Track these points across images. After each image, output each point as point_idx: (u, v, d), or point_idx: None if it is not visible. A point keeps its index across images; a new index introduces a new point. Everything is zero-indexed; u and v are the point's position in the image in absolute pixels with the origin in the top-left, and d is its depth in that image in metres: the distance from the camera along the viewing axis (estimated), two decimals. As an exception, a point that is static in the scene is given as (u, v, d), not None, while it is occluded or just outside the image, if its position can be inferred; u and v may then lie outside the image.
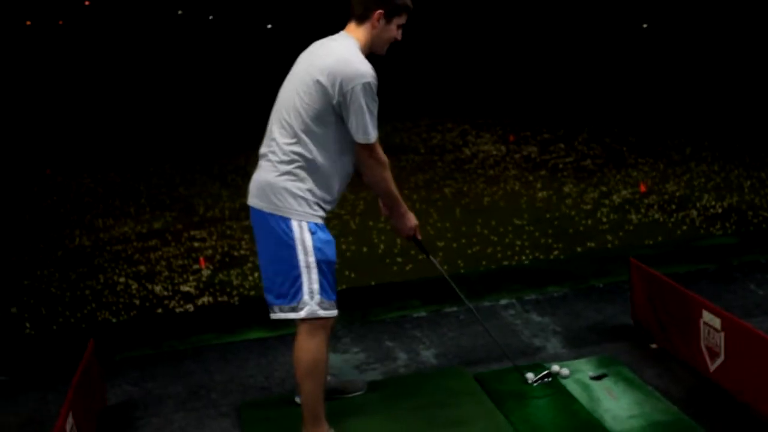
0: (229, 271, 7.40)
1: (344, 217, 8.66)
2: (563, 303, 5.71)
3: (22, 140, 14.60)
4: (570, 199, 8.88)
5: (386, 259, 7.41)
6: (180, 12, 41.85)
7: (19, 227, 9.51)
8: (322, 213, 3.91)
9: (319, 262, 3.83)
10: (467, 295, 4.79)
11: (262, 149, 3.97)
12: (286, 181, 3.84)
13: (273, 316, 3.95)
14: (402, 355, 5.10)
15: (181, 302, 6.80)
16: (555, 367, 4.58)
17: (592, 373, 4.55)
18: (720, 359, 4.28)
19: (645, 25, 23.99)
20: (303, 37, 5.03)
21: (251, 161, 4.08)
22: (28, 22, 37.95)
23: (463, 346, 5.16)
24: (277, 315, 3.93)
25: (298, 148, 3.84)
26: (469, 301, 4.67)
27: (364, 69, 3.80)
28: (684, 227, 7.72)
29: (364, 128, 3.82)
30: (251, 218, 4.02)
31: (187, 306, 6.72)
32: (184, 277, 7.37)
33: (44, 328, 6.47)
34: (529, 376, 4.50)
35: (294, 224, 3.82)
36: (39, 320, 6.64)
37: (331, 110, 3.82)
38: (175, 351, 5.47)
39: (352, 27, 3.97)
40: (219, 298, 6.83)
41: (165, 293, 7.01)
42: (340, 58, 3.82)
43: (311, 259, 3.82)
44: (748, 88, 14.34)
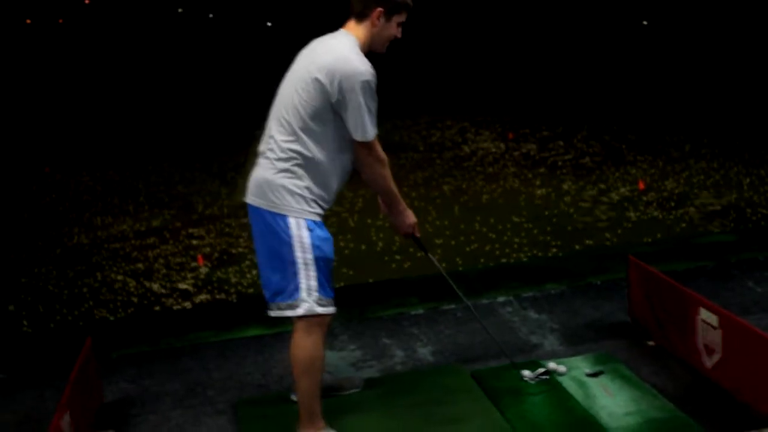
0: (227, 269, 7.40)
1: (343, 214, 8.66)
2: (561, 300, 5.71)
3: (21, 138, 14.60)
4: (569, 197, 8.89)
5: (384, 257, 7.42)
6: (180, 10, 41.92)
7: (17, 225, 9.51)
8: (320, 210, 3.90)
9: (316, 259, 3.83)
10: (465, 292, 4.79)
11: (261, 147, 3.97)
12: (283, 179, 3.84)
13: (271, 314, 3.95)
14: (399, 353, 5.10)
15: (179, 300, 6.80)
16: (552, 364, 4.58)
17: (588, 370, 4.54)
18: (717, 356, 4.28)
19: (645, 22, 24.01)
20: (303, 35, 5.02)
21: (250, 159, 4.08)
22: (29, 21, 37.98)
23: (461, 344, 5.15)
24: (275, 312, 3.93)
25: (296, 146, 3.83)
26: (466, 299, 4.67)
27: (363, 67, 3.79)
28: (682, 224, 7.72)
29: (363, 126, 3.81)
30: (249, 216, 4.01)
31: (185, 303, 6.72)
32: (182, 274, 7.37)
33: (42, 326, 6.47)
34: (526, 373, 4.49)
35: (291, 222, 3.82)
36: (37, 318, 6.65)
37: (330, 108, 3.81)
38: (173, 348, 5.47)
39: (351, 25, 3.95)
40: (217, 296, 6.83)
41: (163, 291, 7.02)
42: (339, 56, 3.81)
43: (309, 256, 3.82)
44: (748, 86, 14.34)
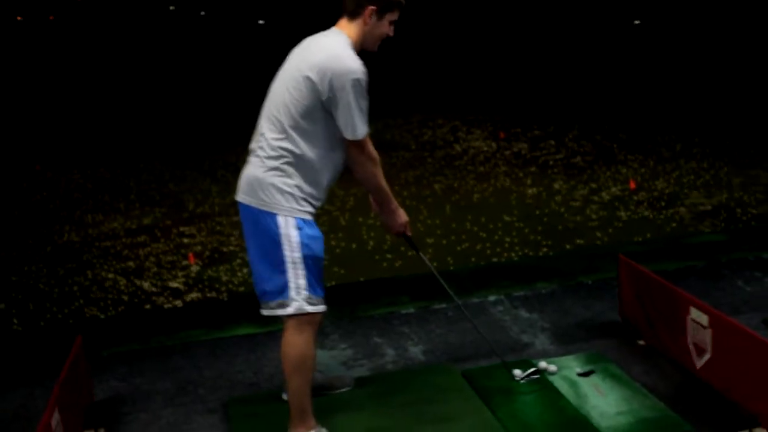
0: (218, 267, 7.39)
1: (334, 213, 8.66)
2: (552, 299, 5.71)
3: (11, 135, 14.55)
4: (560, 196, 8.90)
5: (376, 256, 7.42)
6: (172, 8, 41.81)
7: (7, 223, 9.47)
8: (310, 209, 3.89)
9: (305, 258, 3.82)
10: (456, 291, 4.79)
11: (252, 145, 3.96)
12: (273, 177, 3.83)
13: (263, 312, 3.95)
14: (390, 352, 5.10)
15: (170, 298, 6.79)
16: (543, 364, 4.58)
17: (579, 370, 4.55)
18: (707, 356, 4.29)
19: (637, 22, 24.05)
20: (295, 33, 5.02)
21: (242, 157, 4.07)
22: (19, 18, 37.84)
23: (451, 343, 5.16)
24: (267, 311, 3.92)
25: (286, 144, 3.82)
26: (457, 298, 4.67)
27: (355, 65, 3.78)
28: (673, 224, 7.74)
29: (353, 125, 3.80)
30: (240, 214, 4.01)
31: (176, 302, 6.71)
32: (173, 273, 7.36)
33: (32, 324, 6.45)
34: (517, 372, 4.49)
35: (280, 220, 3.81)
36: (27, 316, 6.63)
37: (320, 106, 3.80)
38: (164, 347, 5.45)
39: (343, 23, 3.95)
40: (208, 294, 6.82)
41: (154, 289, 7.00)
42: (331, 54, 3.80)
43: (297, 254, 3.81)
44: (739, 86, 14.38)
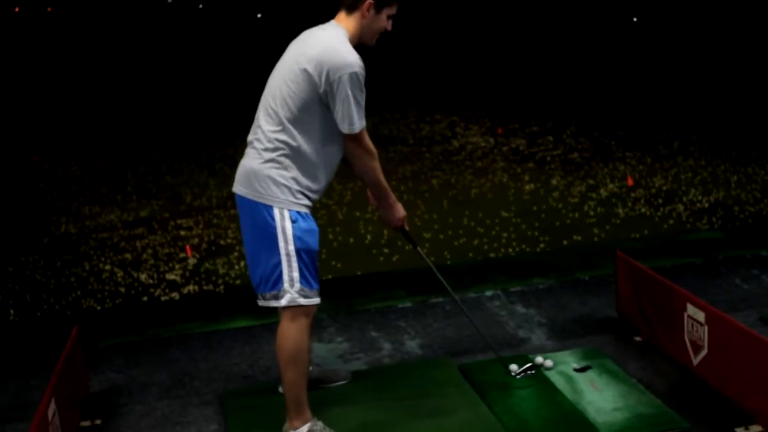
0: (215, 260, 7.39)
1: (332, 207, 8.66)
2: (548, 295, 5.72)
3: (8, 127, 14.53)
4: (557, 192, 8.90)
5: (373, 250, 7.41)
6: (170, 0, 41.72)
7: (4, 214, 9.46)
8: (306, 202, 3.89)
9: (299, 251, 3.82)
10: (453, 286, 4.79)
11: (249, 137, 3.96)
12: (270, 169, 3.83)
13: (259, 303, 3.96)
14: (386, 346, 5.10)
15: (167, 290, 6.78)
16: (539, 359, 4.59)
17: (576, 365, 4.55)
18: (703, 353, 4.30)
19: (635, 19, 24.05)
20: (293, 26, 5.01)
21: (239, 150, 4.07)
22: (17, 9, 37.74)
23: (448, 337, 5.16)
24: (262, 302, 3.93)
25: (282, 136, 3.82)
26: (454, 292, 4.66)
27: (352, 59, 3.78)
28: (670, 221, 7.74)
29: (350, 118, 3.80)
30: (237, 205, 4.01)
31: (173, 294, 6.70)
32: (170, 265, 7.35)
33: (29, 315, 6.45)
34: (513, 367, 4.49)
35: (276, 212, 3.81)
36: (23, 307, 6.62)
37: (318, 99, 3.80)
38: (160, 339, 5.45)
39: (341, 16, 3.94)
40: (204, 287, 6.82)
41: (150, 281, 7.00)
42: (328, 48, 3.79)
43: (291, 247, 3.81)
44: (737, 83, 14.39)
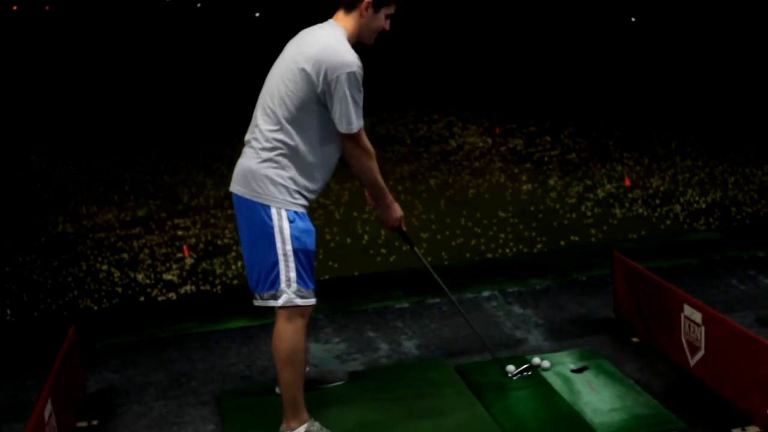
0: (212, 260, 7.38)
1: (329, 207, 8.65)
2: (546, 295, 5.72)
3: (6, 125, 14.51)
4: (555, 193, 8.90)
5: (370, 250, 7.41)
6: (167, -1, 41.65)
7: (1, 213, 9.45)
8: (303, 202, 3.88)
9: (296, 251, 3.82)
10: (450, 286, 4.79)
11: (247, 136, 3.96)
12: (267, 168, 3.82)
13: (255, 303, 3.96)
14: (383, 346, 5.10)
15: (164, 290, 6.77)
16: (536, 360, 4.59)
17: (573, 366, 4.56)
18: (700, 353, 4.30)
19: (633, 19, 24.06)
20: (291, 25, 5.01)
21: (237, 150, 4.06)
22: (15, 7, 37.70)
23: (445, 338, 5.16)
24: (258, 302, 3.93)
25: (280, 136, 3.82)
26: (451, 293, 4.66)
27: (350, 58, 3.77)
28: (668, 222, 7.74)
29: (348, 118, 3.80)
30: (234, 205, 4.00)
31: (170, 294, 6.69)
32: (167, 265, 7.34)
33: (25, 315, 6.44)
34: (510, 368, 4.49)
35: (273, 212, 3.81)
36: (20, 307, 6.61)
37: (315, 99, 3.79)
38: (157, 339, 5.45)
39: (340, 16, 3.94)
40: (202, 287, 6.81)
41: (147, 281, 6.99)
42: (326, 47, 3.79)
43: (288, 247, 3.81)
44: (735, 84, 14.39)
